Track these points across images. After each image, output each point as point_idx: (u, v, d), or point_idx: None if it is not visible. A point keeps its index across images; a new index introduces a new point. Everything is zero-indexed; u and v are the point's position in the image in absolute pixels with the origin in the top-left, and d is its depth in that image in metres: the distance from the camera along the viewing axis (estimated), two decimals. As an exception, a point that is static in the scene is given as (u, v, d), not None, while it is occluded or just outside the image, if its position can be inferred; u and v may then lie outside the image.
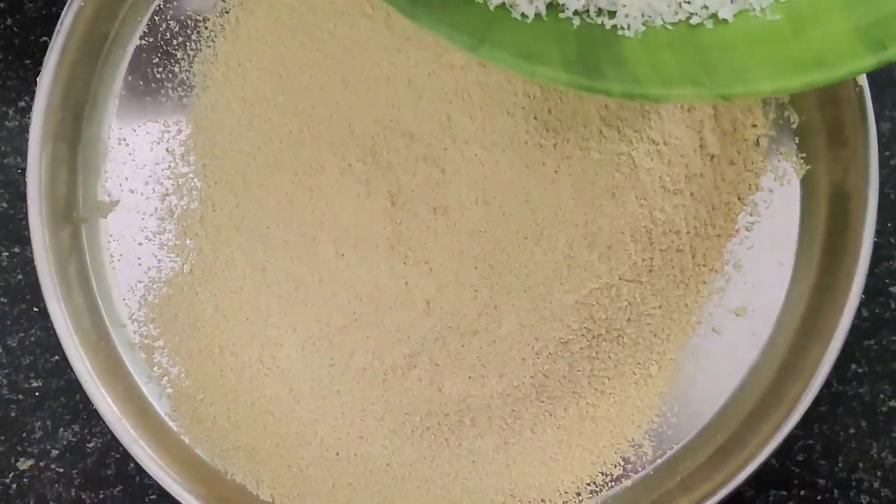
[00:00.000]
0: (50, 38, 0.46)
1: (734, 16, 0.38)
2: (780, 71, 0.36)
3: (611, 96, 0.36)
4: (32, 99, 0.45)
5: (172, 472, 0.45)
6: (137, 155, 0.48)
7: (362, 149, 0.45)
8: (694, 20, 0.38)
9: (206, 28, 0.48)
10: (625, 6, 0.38)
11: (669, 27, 0.38)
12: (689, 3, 0.38)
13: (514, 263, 0.44)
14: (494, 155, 0.44)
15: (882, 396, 0.50)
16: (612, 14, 0.38)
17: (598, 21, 0.38)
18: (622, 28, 0.38)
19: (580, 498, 0.46)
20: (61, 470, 0.50)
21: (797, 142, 0.47)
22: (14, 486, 0.50)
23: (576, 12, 0.38)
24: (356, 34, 0.45)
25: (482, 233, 0.44)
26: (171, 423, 0.47)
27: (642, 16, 0.38)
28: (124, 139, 0.48)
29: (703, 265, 0.47)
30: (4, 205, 0.52)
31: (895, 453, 0.50)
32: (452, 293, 0.44)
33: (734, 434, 0.46)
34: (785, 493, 0.50)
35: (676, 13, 0.38)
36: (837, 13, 0.37)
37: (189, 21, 0.48)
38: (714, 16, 0.38)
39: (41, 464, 0.50)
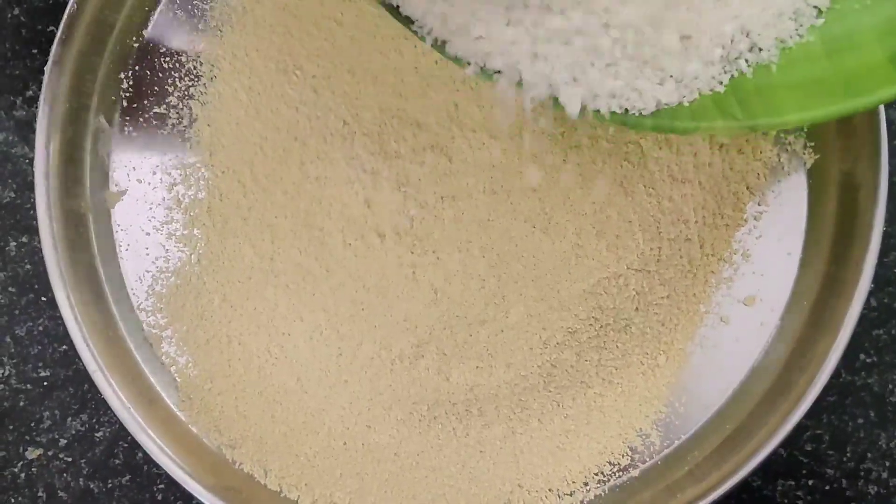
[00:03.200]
0: (57, 28, 0.46)
1: None
2: (809, 100, 0.36)
3: (642, 130, 0.37)
4: (40, 89, 0.46)
5: (180, 462, 0.45)
6: (145, 145, 0.48)
7: (369, 138, 0.45)
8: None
9: (213, 17, 0.48)
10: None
11: None
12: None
13: (521, 253, 0.44)
14: (502, 143, 0.44)
15: (891, 387, 0.50)
16: None
17: None
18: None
19: (588, 487, 0.46)
20: (69, 459, 0.51)
21: (806, 130, 0.47)
22: (22, 475, 0.50)
23: None
24: (363, 23, 0.45)
25: (490, 222, 0.44)
26: (178, 413, 0.47)
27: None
28: (131, 129, 0.48)
29: (712, 255, 0.47)
30: (12, 195, 0.52)
31: (904, 444, 0.50)
32: (460, 283, 0.44)
33: (742, 424, 0.46)
34: (793, 482, 0.50)
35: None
36: (873, 38, 0.37)
37: (196, 10, 0.48)
38: None
39: (49, 453, 0.51)
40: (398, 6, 0.38)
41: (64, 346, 0.51)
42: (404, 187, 0.44)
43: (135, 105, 0.48)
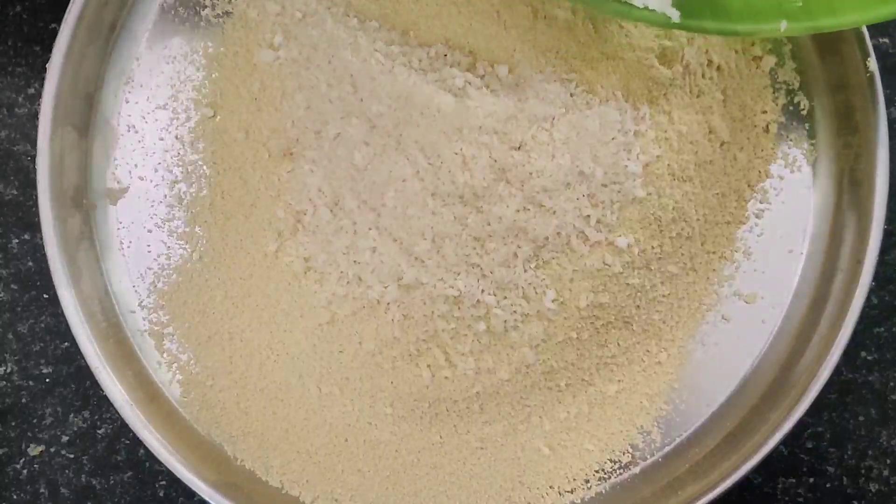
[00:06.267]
0: (59, 25, 0.46)
1: None
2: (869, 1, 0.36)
3: (706, 33, 0.37)
4: (42, 86, 0.45)
5: (182, 458, 0.45)
6: (147, 142, 0.48)
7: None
8: None
9: (214, 14, 0.48)
10: None
11: None
12: None
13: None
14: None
15: (892, 384, 0.50)
16: None
17: None
18: None
19: (588, 485, 0.47)
20: (71, 456, 0.51)
21: (807, 128, 0.47)
22: (25, 471, 0.51)
23: None
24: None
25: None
26: (180, 410, 0.47)
27: None
28: (134, 126, 0.48)
29: (713, 252, 0.47)
30: (14, 192, 0.52)
31: (905, 441, 0.50)
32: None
33: (743, 421, 0.46)
34: (794, 480, 0.50)
35: None
36: None
37: (196, 7, 0.48)
38: None
39: (51, 450, 0.51)
40: None
41: (66, 343, 0.51)
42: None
43: (136, 102, 0.48)
